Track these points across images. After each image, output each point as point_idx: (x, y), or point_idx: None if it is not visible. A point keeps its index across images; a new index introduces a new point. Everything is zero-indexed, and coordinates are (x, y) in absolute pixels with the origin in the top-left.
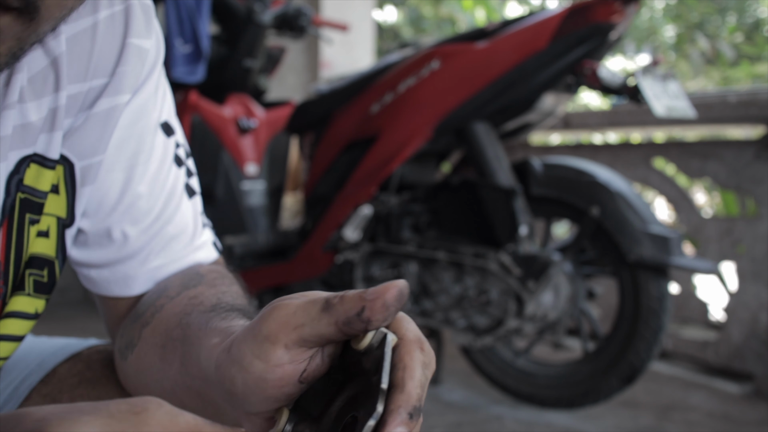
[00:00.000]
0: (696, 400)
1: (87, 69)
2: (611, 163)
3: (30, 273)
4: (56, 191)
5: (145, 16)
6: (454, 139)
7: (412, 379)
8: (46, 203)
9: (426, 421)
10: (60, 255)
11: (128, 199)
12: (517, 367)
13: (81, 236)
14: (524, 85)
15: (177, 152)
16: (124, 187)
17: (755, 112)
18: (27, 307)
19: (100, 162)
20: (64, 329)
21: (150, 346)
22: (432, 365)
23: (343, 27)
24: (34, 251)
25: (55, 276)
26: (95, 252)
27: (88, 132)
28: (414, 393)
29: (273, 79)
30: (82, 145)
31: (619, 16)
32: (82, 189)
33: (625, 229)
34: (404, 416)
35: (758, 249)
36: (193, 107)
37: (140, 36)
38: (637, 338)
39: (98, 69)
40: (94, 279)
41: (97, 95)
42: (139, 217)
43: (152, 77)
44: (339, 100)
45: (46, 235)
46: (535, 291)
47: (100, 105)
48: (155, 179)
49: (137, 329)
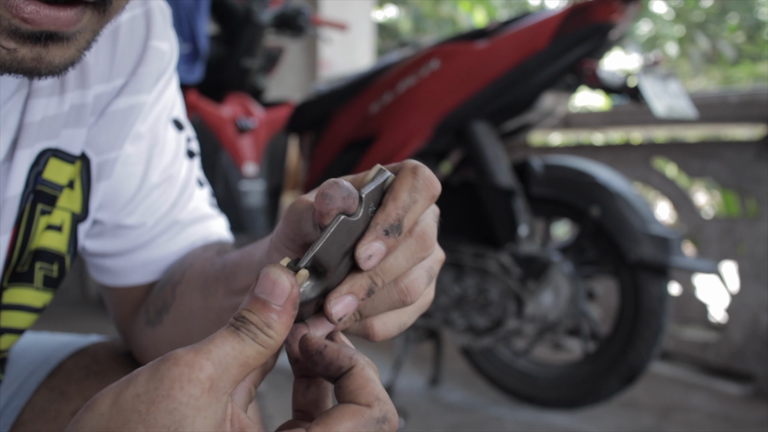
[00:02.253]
0: (696, 400)
1: (111, 69)
2: (611, 163)
3: (41, 267)
4: (71, 186)
5: (164, 19)
6: (453, 139)
7: (394, 200)
8: (61, 198)
9: (426, 421)
10: (71, 250)
11: (145, 190)
12: (517, 368)
13: (96, 227)
14: (524, 85)
15: (189, 146)
16: (142, 179)
17: (756, 112)
18: (34, 300)
19: (116, 158)
20: (62, 329)
21: (188, 295)
22: (426, 188)
23: (342, 26)
24: (46, 245)
25: (64, 271)
26: (111, 241)
27: (107, 128)
28: (393, 213)
29: (272, 79)
30: (100, 141)
31: (618, 15)
32: (97, 184)
33: (626, 229)
34: (380, 232)
35: (759, 249)
36: (192, 107)
37: (160, 38)
38: (638, 339)
39: (120, 69)
40: (109, 268)
41: (118, 93)
42: (156, 207)
43: (166, 76)
44: (338, 100)
45: (59, 230)
46: (535, 291)
47: (118, 103)
48: (169, 171)
49: (168, 292)
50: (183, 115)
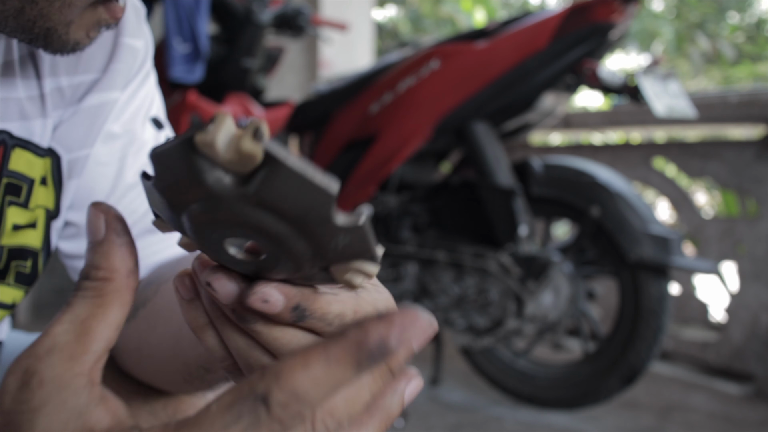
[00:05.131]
0: (696, 400)
1: (78, 63)
2: (611, 163)
3: (15, 264)
4: (44, 183)
5: (136, 17)
6: (453, 139)
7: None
8: (35, 195)
9: (426, 421)
10: (45, 247)
11: (120, 191)
12: (517, 368)
13: (71, 229)
14: (524, 85)
15: None
16: (115, 179)
17: (756, 112)
18: (5, 297)
19: (87, 155)
20: None
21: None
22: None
23: (342, 26)
24: (21, 242)
25: (38, 268)
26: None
27: (77, 125)
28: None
29: (272, 79)
30: (71, 138)
31: (618, 15)
32: (68, 182)
33: (625, 229)
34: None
35: (759, 249)
36: (192, 107)
37: (132, 35)
38: (638, 339)
39: (89, 64)
40: None
41: (87, 90)
42: (133, 208)
43: (141, 74)
44: (338, 100)
45: (33, 227)
46: (535, 291)
47: (89, 100)
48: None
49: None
50: (162, 113)
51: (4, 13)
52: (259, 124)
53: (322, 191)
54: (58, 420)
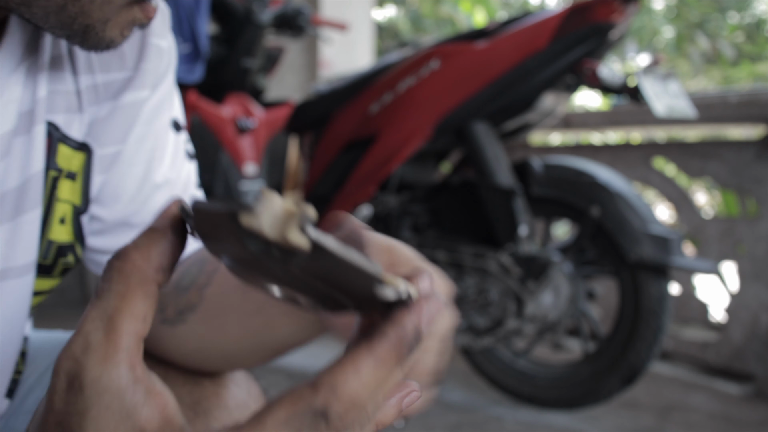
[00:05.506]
0: (696, 401)
1: (110, 61)
2: (611, 163)
3: (63, 261)
4: (70, 177)
5: (162, 18)
6: (453, 139)
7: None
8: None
9: (426, 421)
10: (79, 238)
11: (147, 190)
12: (517, 368)
13: (98, 224)
14: (524, 85)
15: (186, 147)
16: (143, 179)
17: (756, 112)
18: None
19: (118, 152)
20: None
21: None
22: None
23: (342, 26)
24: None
25: (77, 258)
26: (115, 238)
27: (114, 122)
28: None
29: (272, 79)
30: (106, 134)
31: (618, 15)
32: (96, 177)
33: (625, 229)
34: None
35: (759, 249)
36: (192, 107)
37: (159, 36)
38: (638, 339)
39: (121, 62)
40: None
41: (122, 87)
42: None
43: (168, 76)
44: (338, 100)
45: (63, 222)
46: (535, 291)
47: (125, 97)
48: (171, 171)
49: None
50: (181, 116)
51: (46, 9)
52: (305, 212)
53: (368, 275)
54: (106, 424)
